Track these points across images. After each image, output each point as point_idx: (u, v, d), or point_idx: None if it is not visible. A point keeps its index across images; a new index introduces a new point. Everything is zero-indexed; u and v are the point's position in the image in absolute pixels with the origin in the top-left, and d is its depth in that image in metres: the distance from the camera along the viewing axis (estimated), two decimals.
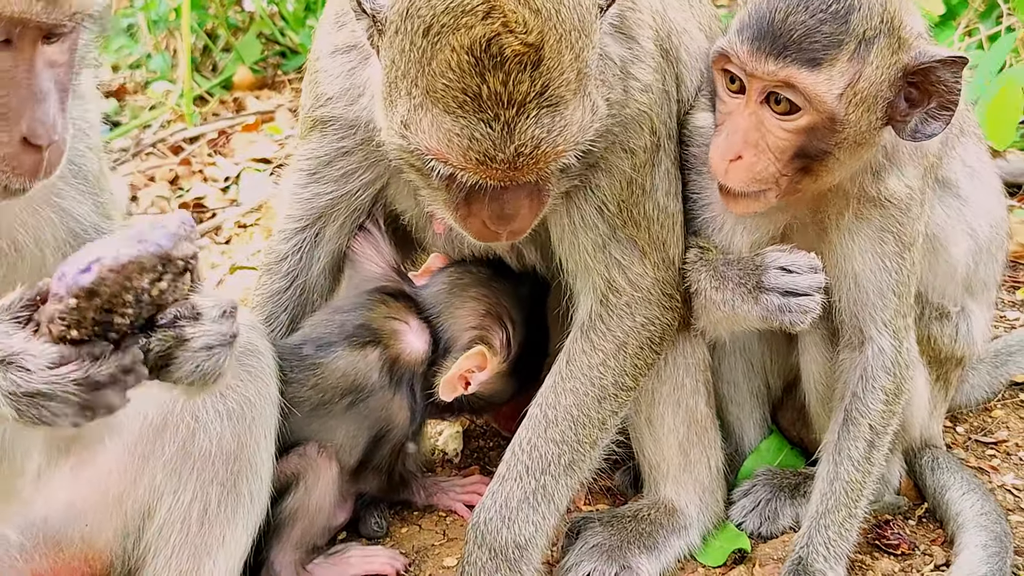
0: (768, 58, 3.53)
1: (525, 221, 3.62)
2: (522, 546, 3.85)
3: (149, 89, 10.18)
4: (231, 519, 3.69)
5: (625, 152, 3.83)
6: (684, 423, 4.26)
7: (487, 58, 3.19)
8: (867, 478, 4.03)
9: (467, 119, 3.27)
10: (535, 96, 3.25)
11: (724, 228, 4.08)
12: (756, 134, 3.66)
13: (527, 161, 3.32)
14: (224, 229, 7.45)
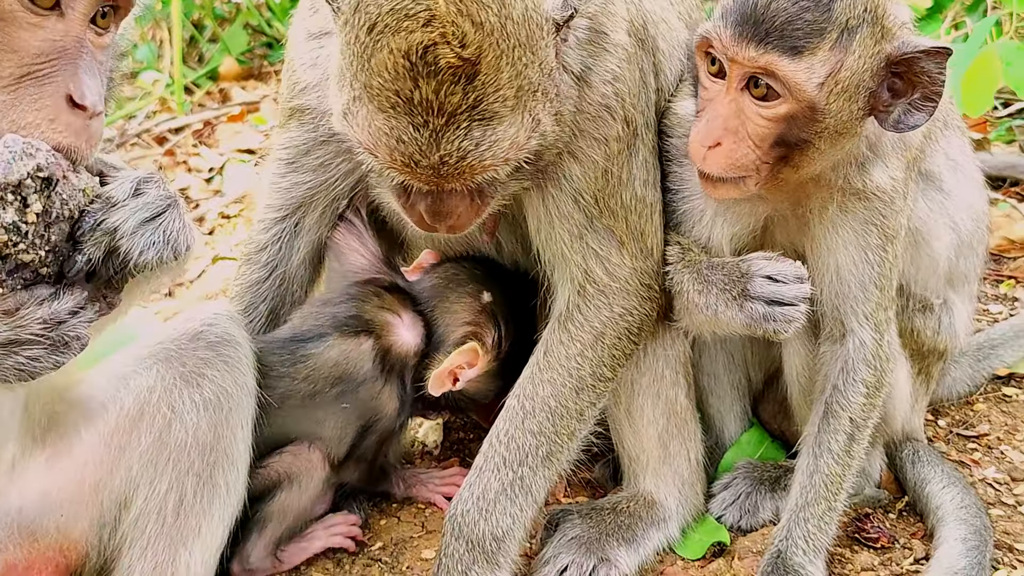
0: (749, 44, 3.50)
1: (464, 220, 3.63)
2: (499, 538, 3.83)
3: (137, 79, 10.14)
4: (207, 510, 3.68)
5: (597, 142, 3.81)
6: (664, 415, 4.24)
7: (422, 65, 3.19)
8: (847, 471, 4.02)
9: (397, 120, 3.28)
10: (467, 109, 3.25)
11: (704, 220, 4.06)
12: (736, 121, 3.64)
13: (451, 171, 3.33)
14: (207, 220, 7.42)
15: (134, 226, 2.96)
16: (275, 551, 4.13)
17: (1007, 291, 5.86)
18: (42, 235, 2.82)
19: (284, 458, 4.11)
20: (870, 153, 3.84)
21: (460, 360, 4.27)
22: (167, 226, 3.03)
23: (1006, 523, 4.28)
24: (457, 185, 3.42)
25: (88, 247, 2.92)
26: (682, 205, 4.09)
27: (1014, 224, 6.25)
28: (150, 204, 3.00)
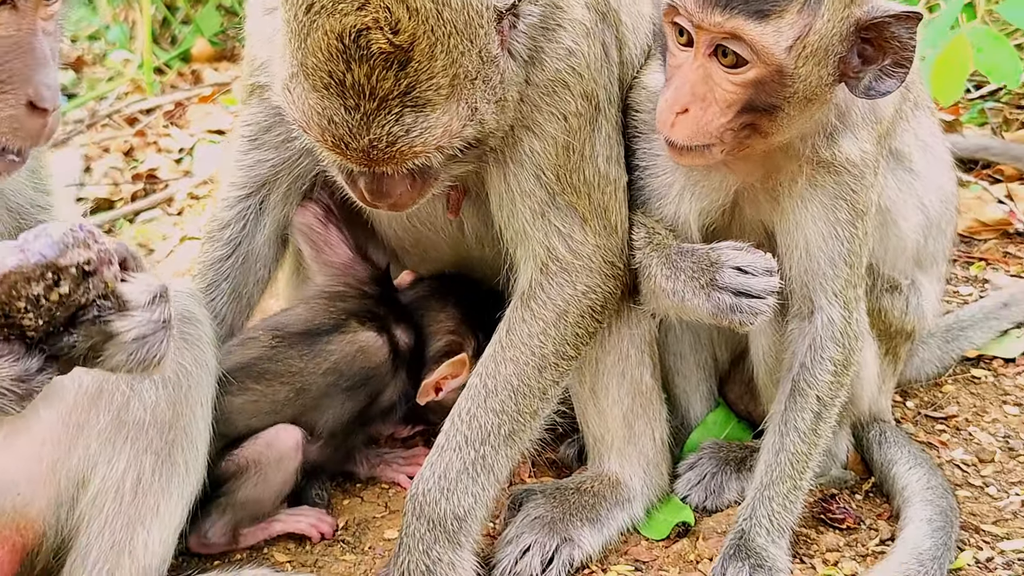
0: (715, 9, 3.44)
1: (406, 199, 3.64)
2: (461, 517, 3.80)
3: (107, 60, 10.09)
4: (165, 489, 3.65)
5: (555, 117, 3.77)
6: (629, 395, 4.20)
7: (354, 49, 3.20)
8: (813, 450, 3.99)
9: (329, 101, 3.29)
10: (399, 95, 3.26)
11: (672, 195, 4.02)
12: (703, 87, 3.58)
13: (380, 155, 3.34)
14: (176, 200, 7.38)
15: (129, 339, 2.94)
16: (235, 530, 4.11)
17: (977, 273, 5.84)
18: (50, 310, 2.80)
19: (257, 445, 4.09)
20: (839, 123, 3.79)
21: (451, 371, 4.33)
22: (153, 349, 3.00)
23: (973, 504, 4.26)
24: (388, 169, 3.43)
25: (80, 336, 2.89)
26: (651, 181, 4.05)
27: (985, 206, 6.24)
28: (153, 322, 2.98)
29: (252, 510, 4.12)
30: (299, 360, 4.24)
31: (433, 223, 4.31)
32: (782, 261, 3.94)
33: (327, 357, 4.27)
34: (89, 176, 7.95)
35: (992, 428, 4.69)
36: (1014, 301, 5.31)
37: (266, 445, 4.10)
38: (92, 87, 9.70)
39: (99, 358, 2.95)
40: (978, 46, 5.46)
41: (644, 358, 4.22)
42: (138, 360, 2.98)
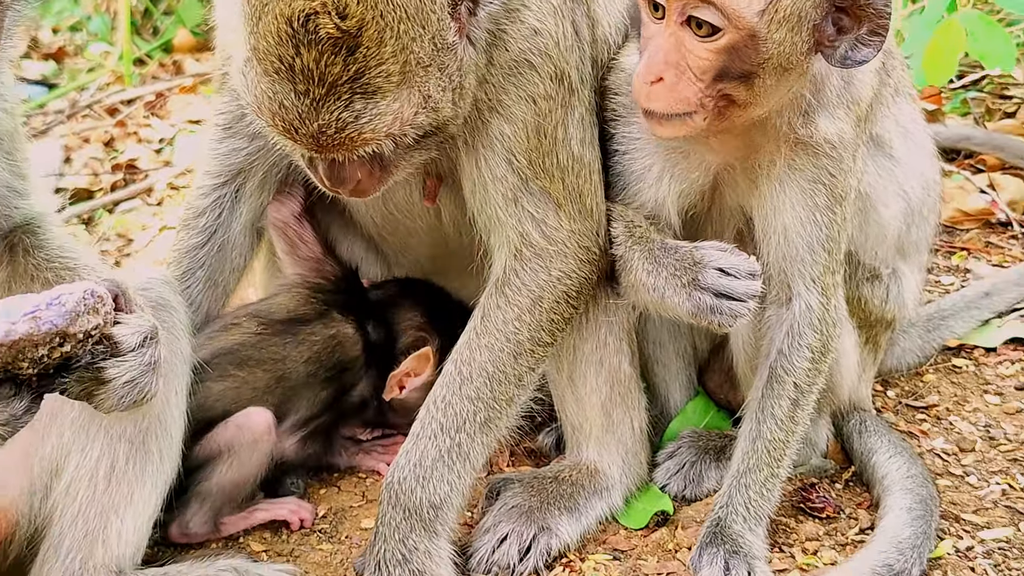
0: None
1: (366, 186, 3.63)
2: (437, 505, 3.78)
3: (87, 51, 10.07)
4: (139, 477, 3.63)
5: (524, 100, 3.75)
6: (607, 383, 4.18)
7: (303, 33, 3.19)
8: (791, 437, 3.97)
9: (280, 86, 3.29)
10: (348, 81, 3.24)
11: (651, 178, 3.99)
12: (676, 55, 3.54)
13: (329, 141, 3.33)
14: (156, 190, 7.35)
15: (120, 383, 3.02)
16: (216, 519, 4.09)
17: (959, 263, 5.83)
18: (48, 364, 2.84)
19: (229, 429, 4.07)
20: (814, 99, 3.75)
21: (414, 365, 4.34)
22: (143, 388, 3.10)
23: (953, 493, 4.25)
24: (339, 155, 3.42)
25: (73, 381, 2.95)
26: (630, 165, 4.02)
27: (967, 196, 6.23)
28: (143, 364, 3.05)
29: (230, 495, 4.10)
30: (282, 348, 4.24)
31: (410, 211, 4.28)
32: (760, 246, 3.93)
33: (310, 346, 4.27)
34: (69, 166, 7.94)
35: (973, 417, 4.67)
36: (995, 291, 5.30)
37: (237, 428, 4.07)
38: (73, 78, 9.68)
39: (91, 399, 3.02)
40: (971, 31, 5.45)
41: (622, 346, 4.20)
42: (129, 401, 3.08)
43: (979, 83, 7.18)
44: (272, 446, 4.14)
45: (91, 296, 2.85)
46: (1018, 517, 4.10)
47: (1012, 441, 4.52)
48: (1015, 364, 5.00)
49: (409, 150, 3.56)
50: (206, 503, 4.05)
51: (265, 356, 4.20)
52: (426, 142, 3.56)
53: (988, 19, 5.57)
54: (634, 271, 3.91)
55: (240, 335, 4.25)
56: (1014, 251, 5.87)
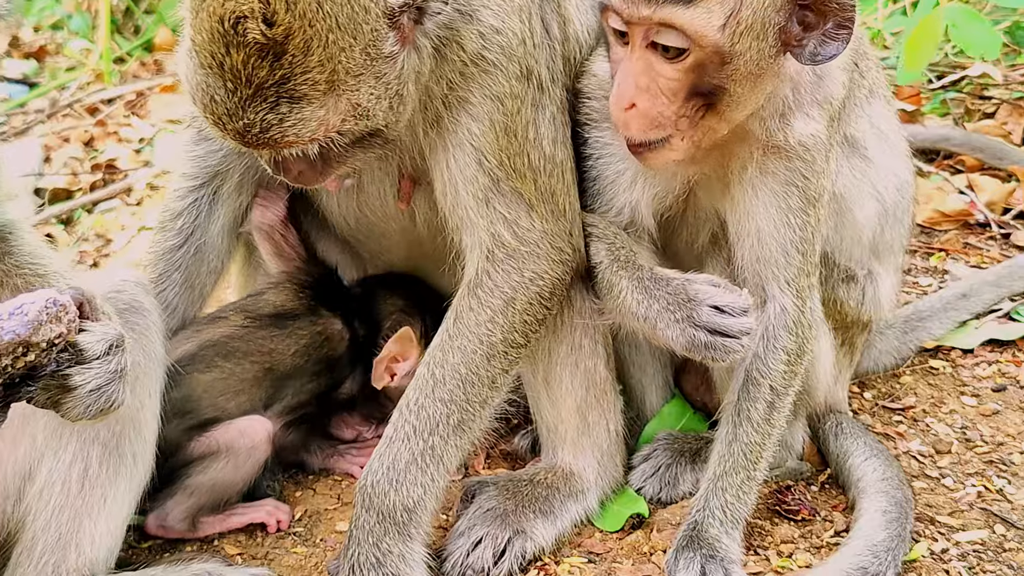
0: (641, 3, 3.43)
1: (309, 178, 3.66)
2: (411, 508, 3.76)
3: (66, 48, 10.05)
4: (113, 480, 3.62)
5: (489, 99, 3.74)
6: (583, 385, 4.17)
7: (232, 35, 3.23)
8: (767, 440, 3.97)
9: (212, 80, 3.31)
10: (273, 85, 3.27)
11: (624, 183, 4.00)
12: (646, 78, 3.55)
13: (254, 139, 3.36)
14: (135, 190, 7.34)
15: (86, 391, 3.02)
16: (196, 517, 4.09)
17: (937, 264, 5.84)
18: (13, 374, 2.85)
19: (230, 431, 4.08)
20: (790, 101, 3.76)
21: (399, 348, 4.32)
22: (110, 396, 3.09)
23: (929, 496, 4.25)
24: (264, 153, 3.47)
25: (39, 389, 2.95)
26: (603, 170, 4.02)
27: (946, 196, 6.24)
28: (109, 372, 3.05)
29: (217, 495, 4.10)
30: (269, 340, 4.25)
31: (384, 213, 4.27)
32: (734, 249, 3.94)
33: (297, 340, 4.29)
34: (49, 166, 7.92)
35: (949, 419, 4.68)
36: (973, 292, 5.30)
37: (239, 432, 4.08)
38: (54, 77, 9.66)
39: (57, 408, 3.02)
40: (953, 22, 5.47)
41: (598, 348, 4.19)
42: (95, 410, 3.06)
43: (958, 84, 7.19)
44: (267, 457, 4.17)
45: (53, 305, 2.85)
46: (993, 519, 4.10)
47: (988, 443, 4.52)
48: (992, 366, 5.01)
49: (349, 149, 3.56)
50: (191, 498, 4.05)
51: (252, 348, 4.21)
52: (368, 142, 3.57)
53: (970, 11, 5.60)
54: (622, 297, 3.90)
55: (227, 328, 4.26)
56: (992, 252, 5.88)
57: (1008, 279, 5.41)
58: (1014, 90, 7.16)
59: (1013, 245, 5.94)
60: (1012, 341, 5.15)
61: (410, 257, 4.55)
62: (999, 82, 7.17)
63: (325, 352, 4.35)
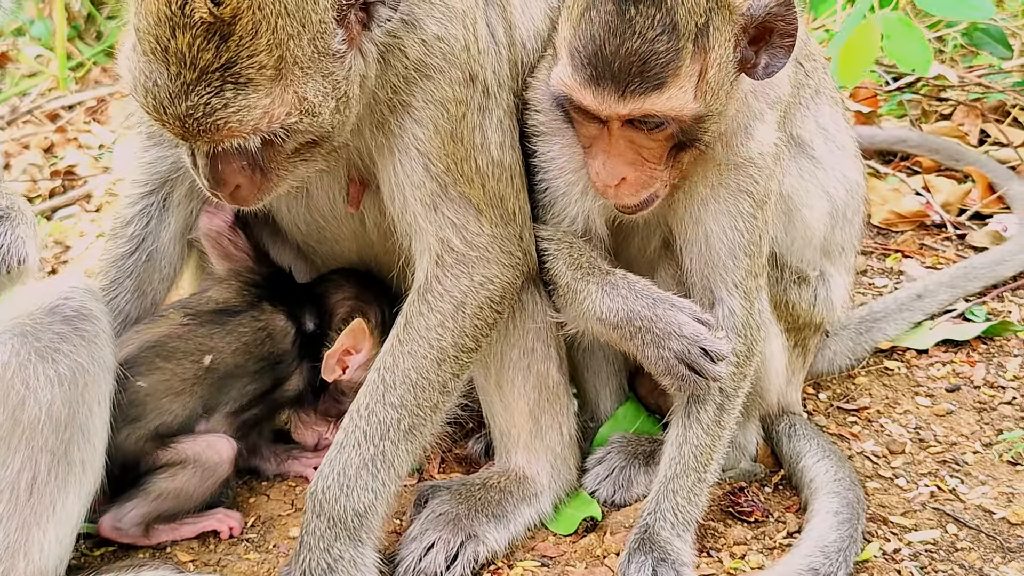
0: (616, 100, 3.46)
1: (247, 193, 3.65)
2: (361, 514, 3.76)
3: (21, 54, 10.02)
4: (62, 488, 3.60)
5: (433, 104, 3.74)
6: (535, 389, 4.18)
7: (179, 16, 3.22)
8: (717, 442, 3.98)
9: (155, 66, 3.29)
10: (219, 68, 3.27)
11: (575, 193, 4.00)
12: (631, 154, 3.61)
13: (195, 126, 3.34)
14: (95, 197, 7.33)
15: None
16: (150, 523, 4.08)
17: (893, 264, 5.87)
18: None
19: (199, 443, 4.08)
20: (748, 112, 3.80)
21: (348, 341, 4.29)
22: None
23: (882, 496, 4.26)
24: (203, 144, 3.43)
25: None
26: (553, 182, 4.02)
27: (902, 198, 6.27)
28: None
29: (178, 504, 4.10)
30: (209, 339, 4.21)
31: (334, 217, 4.26)
32: (682, 254, 3.96)
33: (238, 337, 4.26)
34: (8, 172, 7.88)
35: (903, 419, 4.70)
36: (927, 293, 5.33)
37: (207, 445, 4.08)
38: (15, 83, 9.62)
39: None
40: (887, 33, 5.47)
41: (550, 352, 4.19)
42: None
43: (915, 85, 7.23)
44: (228, 477, 4.17)
45: None
46: (946, 519, 4.12)
47: (941, 443, 4.54)
48: (946, 366, 5.03)
49: (290, 159, 3.58)
50: (148, 504, 4.04)
51: (191, 347, 4.18)
52: (310, 153, 3.58)
53: (907, 21, 5.60)
54: (589, 303, 3.92)
55: (166, 327, 4.23)
56: (948, 253, 5.91)
57: (963, 280, 5.45)
58: (970, 92, 7.20)
59: (968, 246, 5.97)
60: (966, 341, 5.17)
61: (361, 261, 4.52)
62: (955, 84, 7.21)
63: (267, 349, 4.31)
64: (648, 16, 3.38)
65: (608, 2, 3.41)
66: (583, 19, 3.46)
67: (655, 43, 3.39)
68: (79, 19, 10.32)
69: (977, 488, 4.28)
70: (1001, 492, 4.24)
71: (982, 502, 4.19)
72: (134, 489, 4.03)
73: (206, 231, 4.40)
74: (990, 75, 7.33)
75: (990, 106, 7.09)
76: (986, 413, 4.70)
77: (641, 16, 3.38)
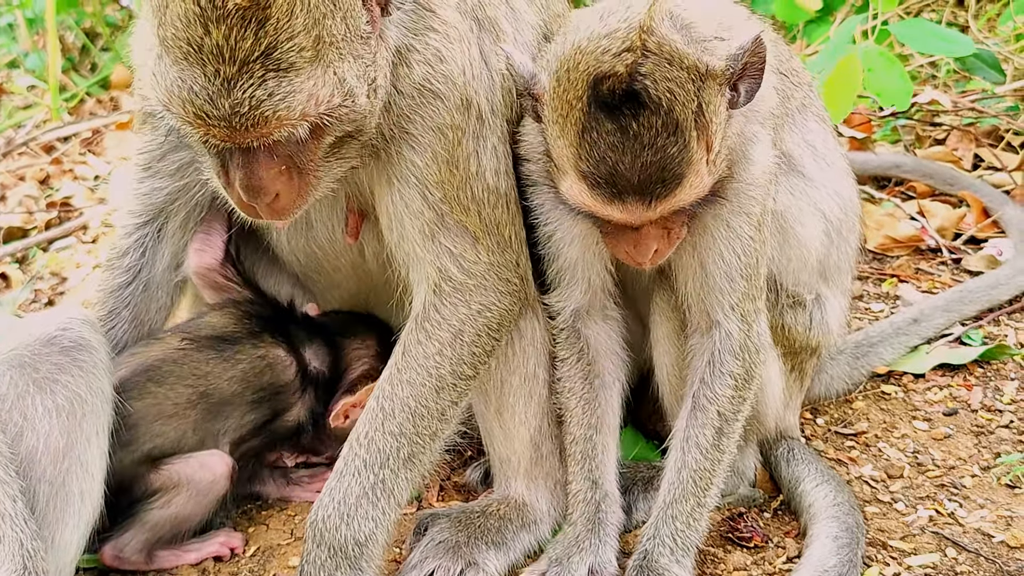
0: (644, 209, 3.47)
1: (285, 201, 3.53)
2: (362, 543, 3.75)
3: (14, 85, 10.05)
4: (61, 518, 3.61)
5: (432, 131, 3.73)
6: (536, 416, 4.18)
7: (211, 9, 3.11)
8: (716, 466, 3.97)
9: (190, 71, 3.20)
10: (259, 56, 3.17)
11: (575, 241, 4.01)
12: (661, 235, 3.64)
13: (243, 122, 3.23)
14: (91, 228, 7.33)
15: None
16: (151, 550, 4.07)
17: (889, 289, 5.87)
18: None
19: (190, 464, 4.06)
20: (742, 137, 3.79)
21: (364, 399, 4.25)
22: None
23: (881, 520, 4.26)
24: (253, 139, 3.31)
25: None
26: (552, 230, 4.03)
27: (897, 223, 6.28)
28: None
29: (173, 529, 4.09)
30: (205, 364, 4.20)
31: (333, 248, 4.27)
32: (676, 277, 3.95)
33: (235, 364, 4.25)
34: (3, 204, 7.92)
35: (901, 444, 4.70)
36: (923, 317, 5.34)
37: (199, 465, 4.07)
38: (10, 115, 9.64)
39: None
40: (869, 66, 5.49)
41: (550, 377, 4.20)
42: None
43: (909, 110, 7.24)
44: (227, 491, 4.15)
45: None
46: (945, 543, 4.11)
47: (940, 467, 4.54)
48: (943, 390, 5.03)
49: (326, 157, 3.53)
50: (146, 532, 4.04)
51: (186, 372, 4.17)
52: (343, 148, 3.54)
53: (888, 55, 5.63)
54: None
55: (161, 350, 4.22)
56: (943, 277, 5.92)
57: (959, 304, 5.45)
58: (963, 116, 7.22)
59: (964, 270, 5.98)
60: (963, 365, 5.17)
61: (360, 291, 4.54)
62: (949, 109, 7.23)
63: (267, 379, 4.30)
64: (650, 126, 3.36)
65: (606, 122, 3.39)
66: (584, 141, 3.43)
67: (666, 149, 3.38)
68: (73, 51, 10.37)
69: (976, 512, 4.27)
70: (1000, 515, 4.24)
71: (981, 526, 4.19)
72: (131, 518, 4.02)
73: (196, 269, 4.39)
74: (983, 100, 7.35)
75: (984, 131, 7.11)
76: (984, 437, 4.70)
77: (643, 128, 3.36)
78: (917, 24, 6.33)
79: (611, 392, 4.18)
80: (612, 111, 3.37)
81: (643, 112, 3.35)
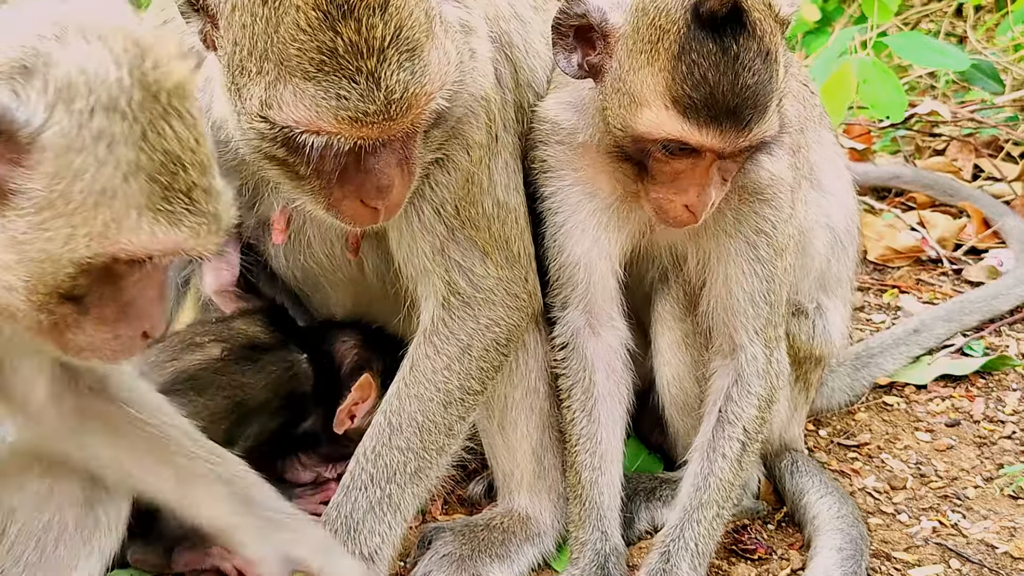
0: (736, 134, 3.44)
1: (399, 193, 3.42)
2: (368, 557, 3.74)
3: None
4: (87, 542, 3.58)
5: (462, 147, 3.72)
6: (538, 429, 4.19)
7: (334, 8, 3.02)
8: (736, 480, 3.98)
9: (329, 79, 3.08)
10: (392, 40, 3.08)
11: (588, 232, 4.00)
12: (719, 179, 3.61)
13: (399, 108, 3.15)
14: None
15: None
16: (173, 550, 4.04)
17: (890, 300, 5.89)
18: None
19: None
20: None
21: (359, 395, 4.28)
22: None
23: (885, 532, 4.27)
24: (407, 125, 3.23)
25: None
26: (563, 219, 4.02)
27: (897, 234, 6.30)
28: None
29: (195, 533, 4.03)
30: (242, 375, 4.19)
31: (332, 264, 4.24)
32: (702, 292, 3.96)
33: (269, 374, 4.24)
34: None
35: (904, 455, 4.71)
36: (925, 327, 5.35)
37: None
38: None
39: None
40: (863, 77, 5.51)
41: (552, 390, 4.20)
42: None
43: (908, 121, 7.26)
44: None
45: None
46: (948, 554, 4.12)
47: (942, 478, 4.56)
48: (945, 401, 5.05)
49: (424, 144, 3.49)
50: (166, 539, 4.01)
51: (225, 383, 4.15)
52: (430, 137, 3.51)
53: (882, 66, 5.65)
54: None
55: (203, 358, 4.20)
56: (944, 288, 5.94)
57: (959, 314, 5.48)
58: (963, 127, 7.23)
59: (965, 281, 6.01)
60: (965, 376, 5.20)
61: (357, 306, 4.51)
62: (948, 119, 7.24)
63: (290, 388, 4.29)
64: (749, 49, 3.37)
65: (707, 42, 3.37)
66: (681, 63, 3.41)
67: (761, 73, 3.39)
68: None
69: (979, 523, 4.29)
70: (1003, 526, 4.26)
71: (984, 536, 4.20)
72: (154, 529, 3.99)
73: (216, 288, 4.38)
74: (982, 110, 7.38)
75: (983, 141, 7.14)
76: (986, 448, 4.72)
77: (744, 50, 3.37)
78: (914, 37, 6.37)
79: (613, 416, 4.15)
80: (715, 31, 3.38)
81: (743, 34, 3.37)
